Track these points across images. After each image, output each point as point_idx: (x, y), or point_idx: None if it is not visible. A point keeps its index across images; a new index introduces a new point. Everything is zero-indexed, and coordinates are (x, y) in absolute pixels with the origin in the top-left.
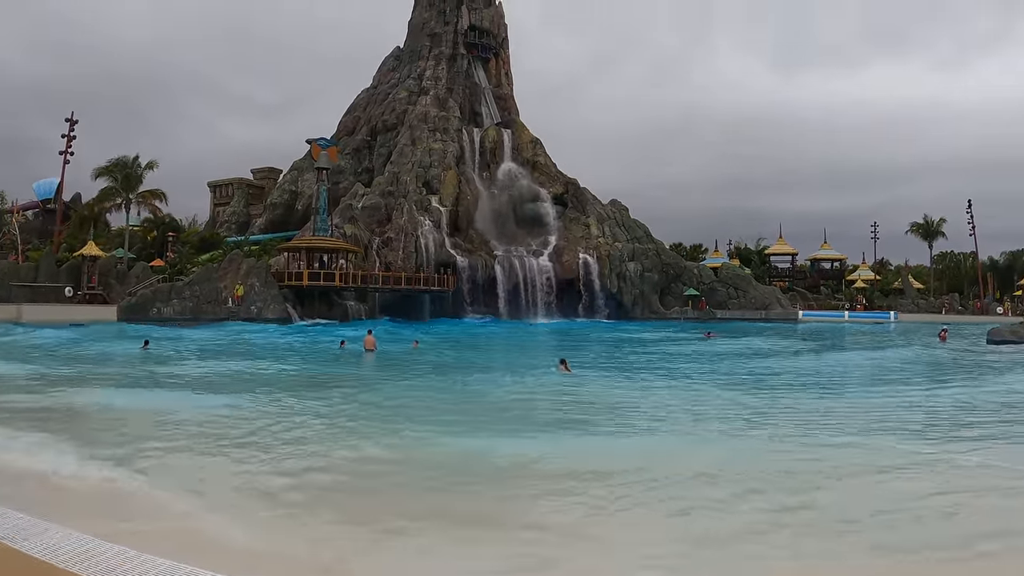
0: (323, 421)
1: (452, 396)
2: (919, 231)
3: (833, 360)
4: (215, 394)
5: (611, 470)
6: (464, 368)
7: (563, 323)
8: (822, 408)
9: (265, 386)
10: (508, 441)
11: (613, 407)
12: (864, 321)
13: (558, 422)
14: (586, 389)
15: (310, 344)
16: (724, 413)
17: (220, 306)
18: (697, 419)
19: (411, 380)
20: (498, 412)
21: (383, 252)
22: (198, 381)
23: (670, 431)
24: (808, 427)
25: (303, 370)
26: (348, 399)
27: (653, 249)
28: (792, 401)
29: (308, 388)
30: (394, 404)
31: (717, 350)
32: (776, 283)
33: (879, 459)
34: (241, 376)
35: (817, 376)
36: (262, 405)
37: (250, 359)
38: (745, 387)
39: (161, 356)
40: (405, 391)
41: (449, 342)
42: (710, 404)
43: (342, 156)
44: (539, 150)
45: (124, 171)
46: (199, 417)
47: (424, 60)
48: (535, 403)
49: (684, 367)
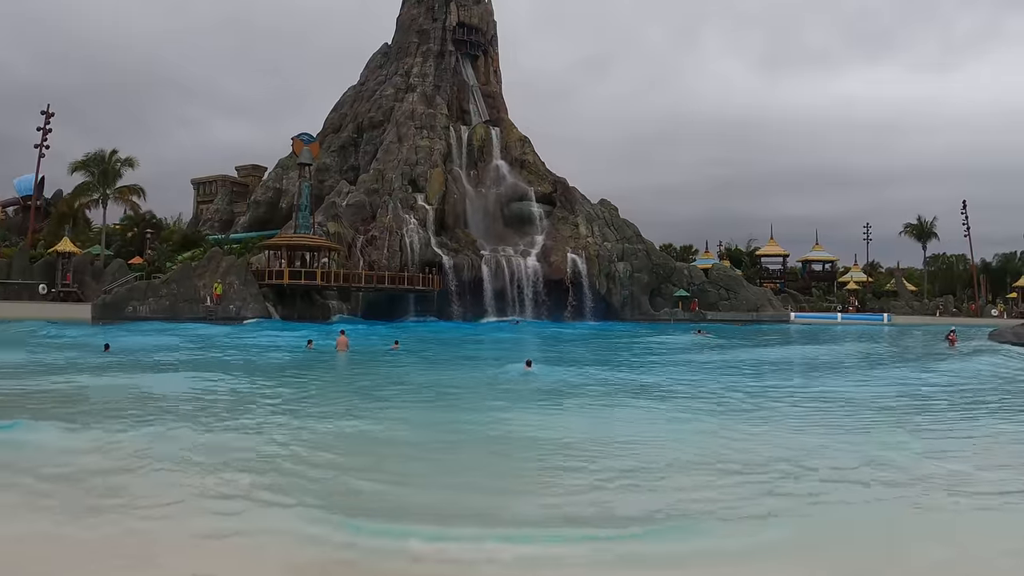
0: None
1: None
2: (913, 232)
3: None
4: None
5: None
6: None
7: (550, 324)
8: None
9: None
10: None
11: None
12: (857, 323)
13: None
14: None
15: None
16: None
17: (198, 305)
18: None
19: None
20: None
21: (367, 251)
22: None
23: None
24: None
25: (252, 382)
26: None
27: (643, 249)
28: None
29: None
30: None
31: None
32: (767, 285)
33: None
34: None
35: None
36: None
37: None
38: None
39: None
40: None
41: (429, 343)
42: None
43: (328, 153)
44: (528, 149)
45: (101, 166)
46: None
47: (412, 57)
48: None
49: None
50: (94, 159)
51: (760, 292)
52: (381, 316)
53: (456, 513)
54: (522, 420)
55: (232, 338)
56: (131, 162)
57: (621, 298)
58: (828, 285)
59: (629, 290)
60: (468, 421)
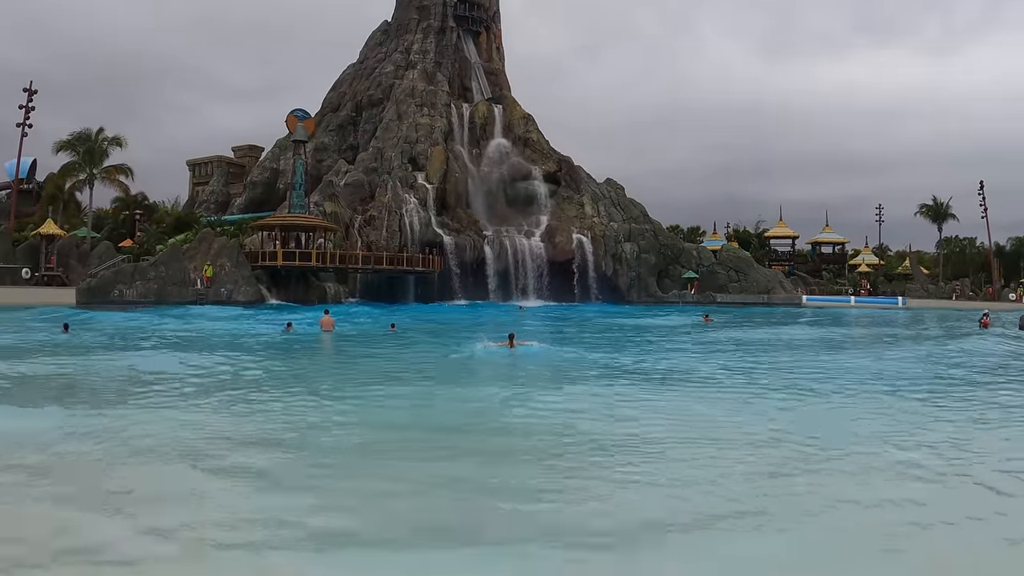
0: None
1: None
2: (928, 213)
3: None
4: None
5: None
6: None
7: (556, 307)
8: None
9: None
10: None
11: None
12: (871, 307)
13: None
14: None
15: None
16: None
17: (187, 288)
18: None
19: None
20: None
21: (365, 231)
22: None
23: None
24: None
25: (227, 366)
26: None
27: (650, 230)
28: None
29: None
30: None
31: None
32: (776, 267)
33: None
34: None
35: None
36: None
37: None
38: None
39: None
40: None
41: (429, 325)
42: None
43: (326, 133)
44: (531, 127)
45: (86, 144)
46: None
47: (412, 33)
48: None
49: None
50: (79, 138)
51: (771, 274)
52: (380, 299)
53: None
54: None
55: (210, 321)
56: (119, 141)
57: (628, 280)
58: (839, 268)
59: (636, 272)
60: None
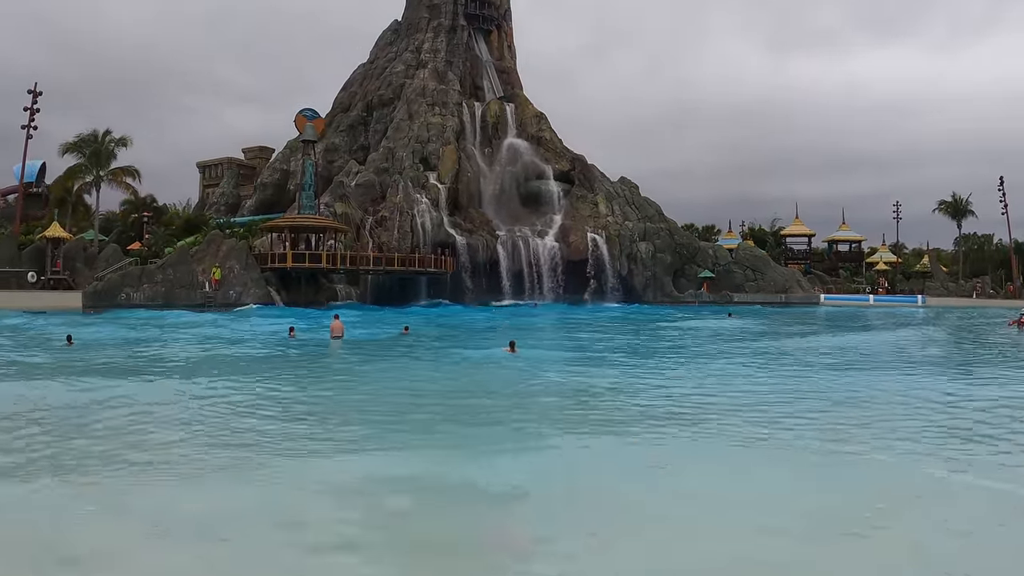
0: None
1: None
2: (947, 209)
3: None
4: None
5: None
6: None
7: (570, 307)
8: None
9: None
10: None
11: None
12: (891, 305)
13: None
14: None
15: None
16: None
17: (195, 291)
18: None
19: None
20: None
21: (376, 232)
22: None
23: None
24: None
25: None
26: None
27: (665, 229)
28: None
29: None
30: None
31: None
32: (792, 265)
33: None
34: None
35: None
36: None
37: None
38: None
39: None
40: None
41: (442, 328)
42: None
43: (336, 133)
44: (544, 125)
45: (92, 146)
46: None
47: (423, 32)
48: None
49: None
50: (86, 140)
51: (788, 273)
52: (392, 301)
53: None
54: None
55: (212, 326)
56: (125, 141)
57: (643, 279)
58: (855, 266)
59: (652, 271)
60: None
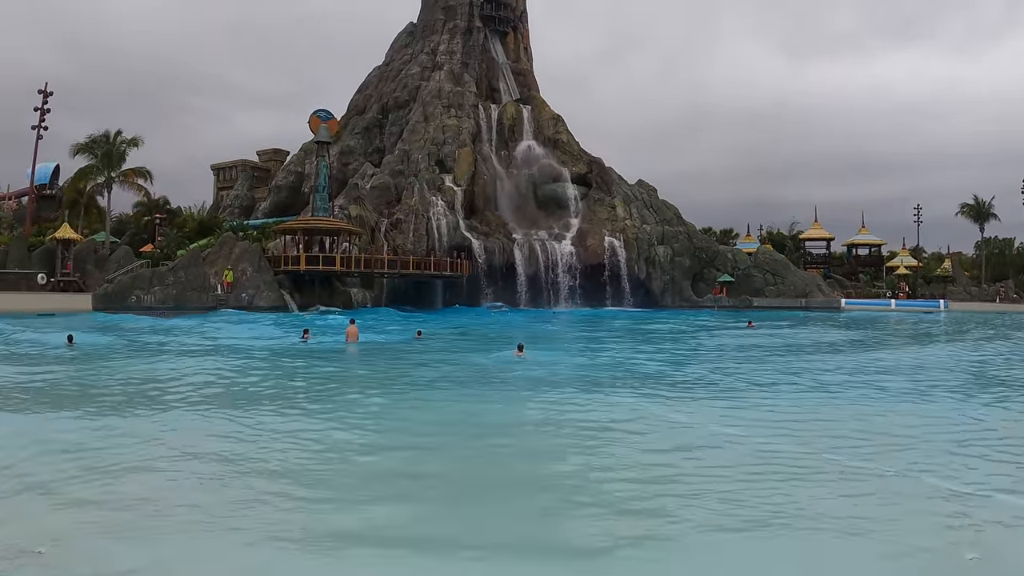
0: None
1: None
2: (969, 213)
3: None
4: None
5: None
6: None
7: (587, 312)
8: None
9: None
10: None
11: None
12: (913, 310)
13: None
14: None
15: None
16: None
17: (207, 294)
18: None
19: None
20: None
21: (391, 235)
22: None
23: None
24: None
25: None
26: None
27: (684, 232)
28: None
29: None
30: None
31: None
32: (810, 270)
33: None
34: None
35: None
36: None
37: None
38: None
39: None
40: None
41: (458, 333)
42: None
43: (351, 136)
44: (561, 127)
45: (104, 147)
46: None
47: (438, 34)
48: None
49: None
50: (97, 141)
51: (808, 277)
52: (407, 304)
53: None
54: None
55: (222, 330)
56: (136, 142)
57: (662, 284)
58: (875, 270)
59: (670, 275)
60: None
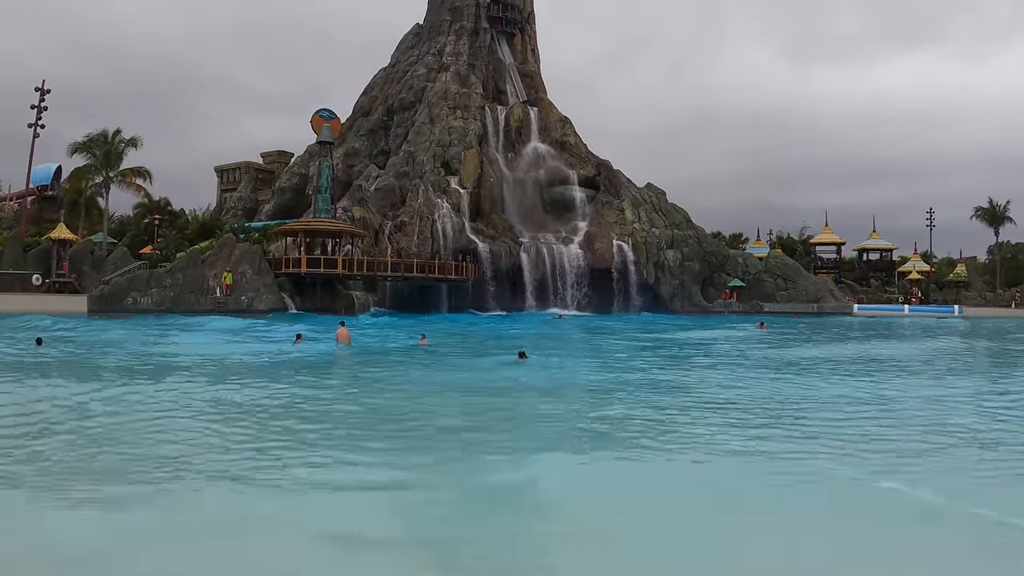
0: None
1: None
2: (984, 216)
3: None
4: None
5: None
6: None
7: (595, 317)
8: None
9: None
10: None
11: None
12: (927, 315)
13: None
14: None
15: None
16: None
17: (205, 296)
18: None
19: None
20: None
21: (395, 237)
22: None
23: None
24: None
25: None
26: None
27: (694, 236)
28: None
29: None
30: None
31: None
32: (821, 275)
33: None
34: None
35: None
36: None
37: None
38: None
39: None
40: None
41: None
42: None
43: (356, 138)
44: (568, 129)
45: (104, 147)
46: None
47: (444, 35)
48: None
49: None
50: (95, 140)
51: (820, 282)
52: (411, 309)
53: None
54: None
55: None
56: (135, 142)
57: (671, 288)
58: (887, 275)
59: (679, 279)
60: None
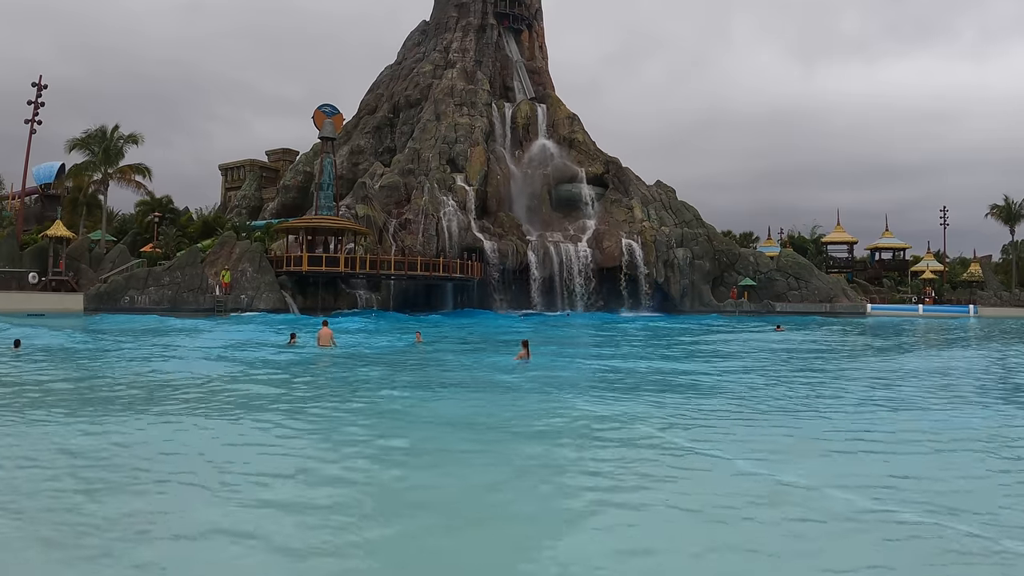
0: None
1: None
2: (1000, 214)
3: None
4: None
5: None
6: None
7: (604, 316)
8: None
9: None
10: None
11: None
12: (942, 315)
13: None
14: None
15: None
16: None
17: (204, 295)
18: None
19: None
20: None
21: (400, 235)
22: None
23: None
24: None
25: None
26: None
27: (704, 234)
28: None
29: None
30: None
31: None
32: (832, 274)
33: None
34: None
35: None
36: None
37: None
38: None
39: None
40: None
41: (464, 336)
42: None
43: (362, 135)
44: (576, 126)
45: (102, 143)
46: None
47: (451, 32)
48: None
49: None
50: (94, 136)
51: (833, 281)
52: (416, 308)
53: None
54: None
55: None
56: (135, 139)
57: (681, 287)
58: (900, 275)
59: (689, 278)
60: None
